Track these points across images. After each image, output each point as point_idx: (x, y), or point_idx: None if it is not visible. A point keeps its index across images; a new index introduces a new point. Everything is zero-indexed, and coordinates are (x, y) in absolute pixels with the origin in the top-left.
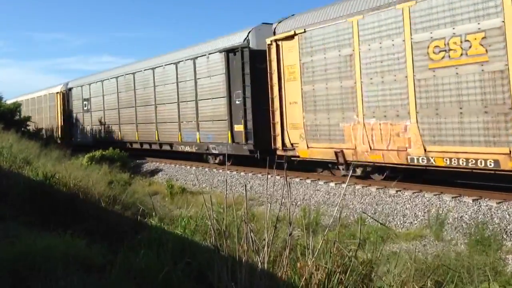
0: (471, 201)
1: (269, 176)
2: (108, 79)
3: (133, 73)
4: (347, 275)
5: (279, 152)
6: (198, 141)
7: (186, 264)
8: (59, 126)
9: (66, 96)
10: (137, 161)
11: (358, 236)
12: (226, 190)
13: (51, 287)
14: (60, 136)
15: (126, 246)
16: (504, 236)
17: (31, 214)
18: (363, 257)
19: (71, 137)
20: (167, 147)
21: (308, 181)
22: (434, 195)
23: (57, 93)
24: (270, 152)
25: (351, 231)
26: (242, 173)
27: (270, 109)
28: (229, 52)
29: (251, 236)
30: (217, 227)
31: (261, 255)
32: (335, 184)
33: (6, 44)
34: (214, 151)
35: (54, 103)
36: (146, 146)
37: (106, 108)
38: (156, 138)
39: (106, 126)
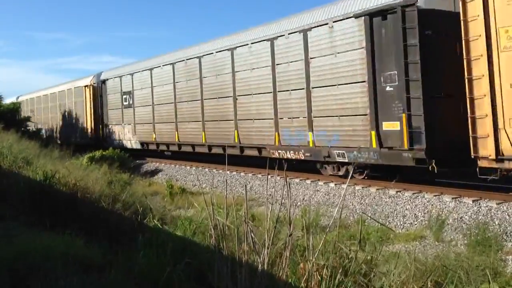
0: (471, 202)
1: (269, 176)
2: (159, 66)
3: (199, 57)
4: (347, 275)
5: (484, 163)
6: (310, 144)
7: (186, 264)
8: (89, 126)
9: (98, 89)
10: (137, 161)
11: (358, 237)
12: (226, 191)
13: (51, 286)
14: (90, 137)
15: (126, 246)
16: (504, 237)
17: (31, 213)
18: (363, 257)
19: (105, 138)
20: (253, 152)
21: (308, 181)
22: (434, 195)
23: (86, 86)
24: (456, 162)
25: (351, 232)
26: (242, 174)
27: (467, 96)
28: (373, 16)
29: (251, 237)
30: (217, 227)
31: (261, 255)
32: (335, 184)
33: (6, 43)
34: (341, 159)
35: (81, 98)
36: (217, 150)
37: (156, 103)
38: (235, 140)
39: (156, 124)
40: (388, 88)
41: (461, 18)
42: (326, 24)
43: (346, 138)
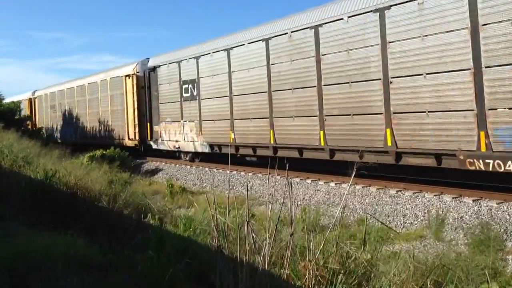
0: (471, 202)
1: (270, 176)
2: (243, 44)
3: (315, 27)
4: (351, 275)
5: None
6: None
7: (187, 264)
8: (130, 124)
9: (145, 79)
10: (137, 160)
11: (360, 237)
12: (229, 190)
13: (51, 286)
14: (131, 138)
15: (127, 245)
16: (504, 237)
17: (31, 213)
18: (363, 257)
19: (154, 139)
20: (423, 161)
21: (309, 181)
22: (434, 195)
23: (127, 76)
24: None
25: (351, 232)
26: (243, 173)
27: None
28: None
29: (252, 237)
30: (218, 227)
31: (262, 255)
32: (335, 184)
33: (7, 43)
34: None
35: (120, 90)
36: (344, 156)
37: (237, 93)
38: (387, 142)
39: (235, 121)
40: None
41: None
42: None
43: None
